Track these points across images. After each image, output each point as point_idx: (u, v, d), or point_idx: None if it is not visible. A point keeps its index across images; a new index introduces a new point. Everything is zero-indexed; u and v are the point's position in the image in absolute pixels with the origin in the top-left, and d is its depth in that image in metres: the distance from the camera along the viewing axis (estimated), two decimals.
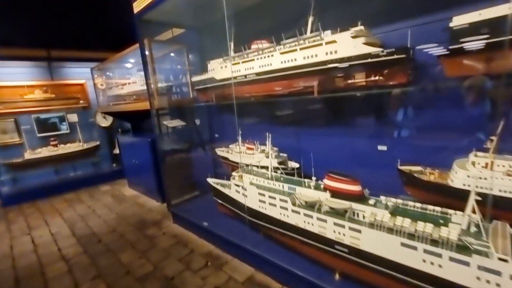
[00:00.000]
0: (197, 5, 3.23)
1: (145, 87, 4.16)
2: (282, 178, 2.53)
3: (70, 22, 5.81)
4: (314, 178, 2.32)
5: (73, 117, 6.45)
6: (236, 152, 3.35)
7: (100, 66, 5.73)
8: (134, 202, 4.86)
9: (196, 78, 3.67)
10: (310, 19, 2.35)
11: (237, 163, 3.35)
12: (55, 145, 5.82)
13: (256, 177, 2.66)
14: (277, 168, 2.79)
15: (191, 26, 3.93)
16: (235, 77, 2.90)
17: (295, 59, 2.32)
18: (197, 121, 4.58)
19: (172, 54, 4.38)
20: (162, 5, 3.07)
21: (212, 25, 3.67)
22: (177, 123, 4.22)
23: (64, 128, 6.30)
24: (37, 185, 5.63)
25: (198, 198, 4.17)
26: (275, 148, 3.13)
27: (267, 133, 3.00)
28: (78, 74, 6.42)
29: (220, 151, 3.73)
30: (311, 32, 2.34)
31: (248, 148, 3.25)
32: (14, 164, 5.39)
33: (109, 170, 6.62)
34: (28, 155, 5.47)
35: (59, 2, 5.75)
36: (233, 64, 2.91)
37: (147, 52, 3.50)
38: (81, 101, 6.52)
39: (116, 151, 6.53)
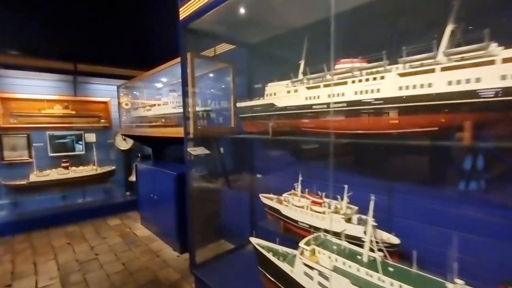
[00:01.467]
0: (258, 14, 2.55)
1: (176, 110, 3.45)
2: (390, 268, 1.57)
3: (99, 37, 5.43)
4: (461, 282, 1.35)
5: (91, 137, 5.85)
6: (295, 205, 2.44)
7: (127, 84, 5.18)
8: (146, 248, 3.93)
9: (243, 104, 2.90)
10: (449, 28, 1.55)
11: (294, 220, 2.42)
12: (66, 167, 5.13)
13: (342, 259, 1.71)
14: (358, 239, 1.86)
15: (242, 42, 3.27)
16: (310, 106, 2.10)
17: (430, 84, 1.49)
18: (224, 153, 3.77)
19: (211, 75, 3.72)
20: (215, 12, 2.41)
21: (271, 41, 2.99)
22: (201, 151, 3.43)
23: (80, 149, 5.67)
24: (38, 212, 4.85)
25: (231, 255, 3.21)
26: (354, 207, 2.20)
27: (345, 186, 2.11)
28: (102, 91, 5.94)
29: (267, 199, 2.83)
30: (449, 45, 1.52)
31: (314, 203, 2.34)
32: (17, 186, 4.69)
33: (121, 199, 5.81)
34: (34, 176, 4.78)
35: (90, 16, 5.43)
36: (309, 88, 2.12)
37: (188, 70, 2.81)
38: (102, 120, 5.96)
39: (133, 178, 5.77)
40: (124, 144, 6.04)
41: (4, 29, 4.64)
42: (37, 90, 5.20)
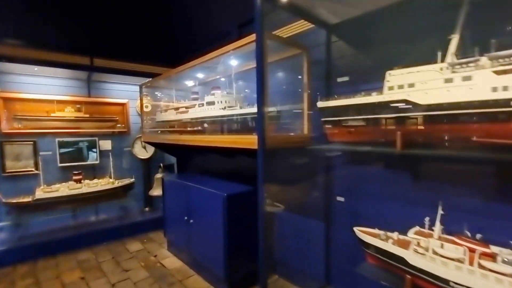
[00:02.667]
0: None
1: (226, 112, 2.65)
2: None
3: (119, 28, 4.66)
4: None
5: (106, 144, 5.05)
6: (445, 256, 1.60)
7: (152, 83, 4.39)
8: (181, 287, 3.08)
9: (333, 103, 2.09)
10: None
11: (442, 280, 1.58)
12: (79, 180, 4.32)
13: None
14: None
15: (321, 21, 2.46)
16: (497, 102, 1.27)
17: None
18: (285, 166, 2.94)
19: (277, 65, 2.92)
20: None
21: (366, 18, 2.19)
22: None
23: (93, 157, 4.87)
24: (45, 236, 4.03)
25: None
26: None
27: None
28: (120, 92, 5.16)
29: (370, 237, 1.99)
30: None
31: (484, 255, 1.49)
32: (20, 204, 3.89)
33: (140, 217, 4.97)
34: (41, 192, 3.97)
35: (110, 4, 4.67)
36: (500, 73, 1.30)
37: (262, 55, 2.01)
38: (118, 125, 5.17)
39: (155, 192, 4.94)
40: (144, 153, 5.23)
41: (8, 16, 3.89)
42: (46, 90, 4.43)
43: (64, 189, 4.13)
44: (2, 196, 3.85)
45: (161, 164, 5.04)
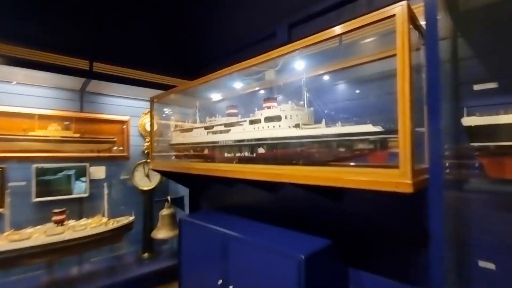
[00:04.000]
0: None
1: (298, 132, 1.82)
2: None
3: (126, 30, 3.81)
4: None
5: (99, 172, 3.99)
6: None
7: (164, 96, 3.48)
8: None
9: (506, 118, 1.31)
10: None
11: None
12: (60, 222, 3.19)
13: None
14: None
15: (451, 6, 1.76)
16: None
17: None
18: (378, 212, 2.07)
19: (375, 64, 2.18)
20: None
21: None
22: None
23: (82, 189, 3.77)
24: None
25: None
26: None
27: None
28: (120, 107, 4.22)
29: None
30: None
31: None
32: None
33: (139, 268, 3.81)
34: (4, 242, 2.81)
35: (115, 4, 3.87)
36: None
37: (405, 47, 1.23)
38: (116, 147, 4.16)
39: (159, 234, 3.84)
40: (146, 182, 4.19)
41: None
42: (25, 101, 3.42)
43: (39, 235, 2.99)
44: None
45: (169, 198, 4.00)
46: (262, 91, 2.99)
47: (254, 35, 3.14)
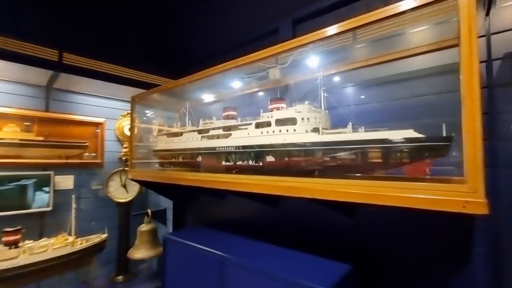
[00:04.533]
0: None
1: (316, 137, 1.54)
2: None
3: (102, 18, 3.35)
4: None
5: (66, 181, 3.43)
6: None
7: (147, 95, 3.05)
8: None
9: None
10: None
11: None
12: (14, 243, 2.61)
13: None
14: None
15: None
16: None
17: None
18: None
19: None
20: None
21: None
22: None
23: (44, 202, 3.19)
24: None
25: None
26: None
27: None
28: (94, 108, 3.70)
29: None
30: None
31: None
32: None
33: None
34: None
35: None
36: None
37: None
38: (87, 153, 3.61)
39: (137, 254, 3.33)
40: (123, 194, 3.67)
41: None
42: None
43: None
44: None
45: (149, 211, 3.51)
46: (261, 93, 2.69)
47: (254, 31, 2.84)
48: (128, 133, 3.87)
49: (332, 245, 1.94)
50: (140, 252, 3.37)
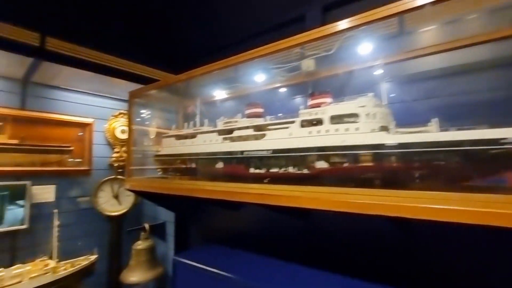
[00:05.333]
0: None
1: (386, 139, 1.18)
2: None
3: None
4: None
5: (46, 193, 2.88)
6: None
7: (147, 91, 2.60)
8: None
9: None
10: None
11: None
12: None
13: None
14: None
15: None
16: None
17: None
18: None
19: None
20: None
21: None
22: None
23: (17, 218, 2.63)
24: None
25: None
26: None
27: None
28: (80, 106, 3.19)
29: None
30: None
31: None
32: None
33: None
34: None
35: None
36: None
37: None
38: (71, 160, 3.08)
39: (132, 277, 2.83)
40: (115, 206, 3.16)
41: None
42: None
43: None
44: None
45: (146, 226, 3.02)
46: (283, 89, 2.34)
47: (276, 18, 2.49)
48: (120, 136, 3.39)
49: (375, 265, 1.60)
50: (135, 274, 2.88)
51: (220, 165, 1.89)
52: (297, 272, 1.77)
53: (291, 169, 1.57)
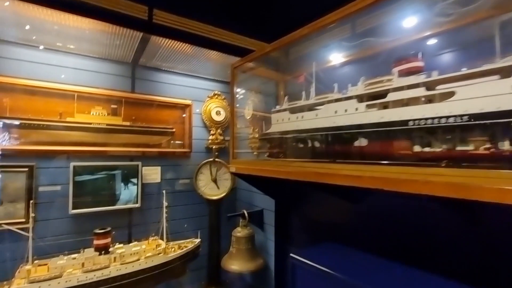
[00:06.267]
0: None
1: None
2: None
3: None
4: None
5: (153, 174, 2.95)
6: None
7: (248, 60, 2.28)
8: None
9: None
10: None
11: None
12: (104, 247, 2.14)
13: None
14: None
15: None
16: None
17: None
18: None
19: None
20: None
21: None
22: None
23: (131, 196, 2.75)
24: None
25: None
26: None
27: None
28: (180, 88, 3.15)
29: None
30: None
31: None
32: None
33: None
34: (20, 283, 1.81)
35: None
36: None
37: None
38: (172, 142, 3.09)
39: (232, 265, 2.67)
40: (214, 190, 3.06)
41: None
42: (57, 75, 2.47)
43: (73, 270, 1.96)
44: None
45: (245, 212, 2.82)
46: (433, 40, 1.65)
47: None
48: (216, 118, 3.25)
49: None
50: (236, 263, 2.71)
51: (361, 142, 1.41)
52: None
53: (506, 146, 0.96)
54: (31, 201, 2.16)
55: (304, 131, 1.69)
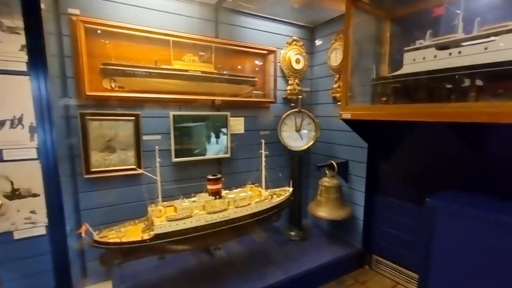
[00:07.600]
0: None
1: None
2: None
3: None
4: None
5: (238, 125, 2.93)
6: None
7: None
8: None
9: None
10: None
11: None
12: (217, 193, 2.22)
13: None
14: None
15: None
16: None
17: None
18: None
19: None
20: None
21: None
22: None
23: (221, 146, 2.78)
24: None
25: None
26: None
27: None
28: (261, 34, 2.93)
29: None
30: None
31: None
32: (129, 248, 1.88)
33: (318, 256, 2.82)
34: (163, 220, 1.92)
35: None
36: None
37: None
38: (255, 92, 2.99)
39: (320, 211, 2.75)
40: (297, 141, 3.02)
41: None
42: (148, 20, 2.33)
43: (199, 211, 2.06)
44: (90, 227, 1.85)
45: (333, 163, 2.80)
46: None
47: None
48: (296, 66, 3.08)
49: None
50: (325, 210, 2.78)
51: None
52: None
53: None
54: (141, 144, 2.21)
55: (463, 68, 1.51)
